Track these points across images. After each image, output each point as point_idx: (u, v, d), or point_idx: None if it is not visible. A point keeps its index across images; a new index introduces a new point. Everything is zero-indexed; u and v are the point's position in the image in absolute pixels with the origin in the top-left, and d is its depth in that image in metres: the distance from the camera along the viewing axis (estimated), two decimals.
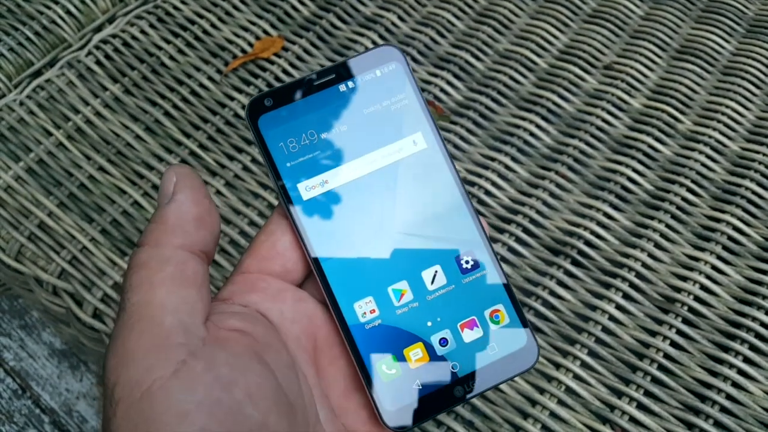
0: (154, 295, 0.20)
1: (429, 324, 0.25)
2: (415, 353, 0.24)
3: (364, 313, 0.24)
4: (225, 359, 0.20)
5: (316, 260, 0.24)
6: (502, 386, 0.39)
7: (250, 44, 0.53)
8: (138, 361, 0.19)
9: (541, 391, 0.39)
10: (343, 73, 0.26)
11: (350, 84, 0.26)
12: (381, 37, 0.54)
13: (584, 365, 0.40)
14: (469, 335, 0.25)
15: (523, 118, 0.50)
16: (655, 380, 0.39)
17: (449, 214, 0.25)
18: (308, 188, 0.25)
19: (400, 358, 0.24)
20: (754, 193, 0.47)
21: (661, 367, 0.40)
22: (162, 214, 0.22)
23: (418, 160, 0.25)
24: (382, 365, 0.24)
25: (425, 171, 0.25)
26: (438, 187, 0.25)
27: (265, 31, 0.54)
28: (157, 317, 0.20)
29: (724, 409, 0.38)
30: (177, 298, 0.20)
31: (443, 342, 0.25)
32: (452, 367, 0.24)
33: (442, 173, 0.25)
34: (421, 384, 0.24)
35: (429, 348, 0.24)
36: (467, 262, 0.25)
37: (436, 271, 0.25)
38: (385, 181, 0.25)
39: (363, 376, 0.24)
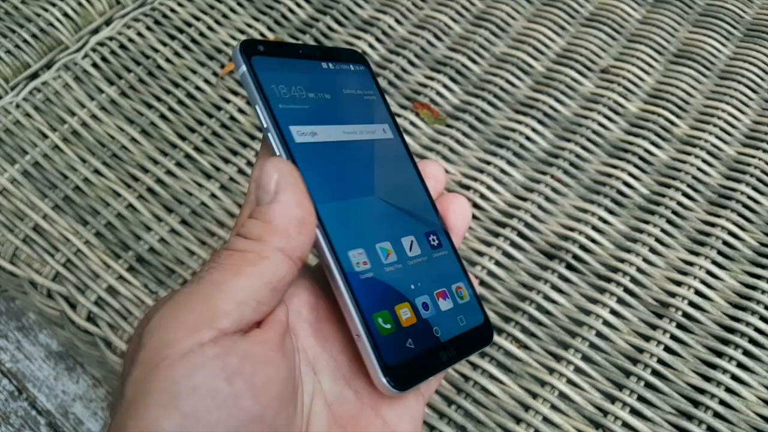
0: (233, 281, 0.20)
1: (412, 287, 0.25)
2: (405, 312, 0.24)
3: (358, 263, 0.24)
4: (243, 349, 0.20)
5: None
6: (495, 390, 0.39)
7: None
8: (170, 331, 0.19)
9: (534, 395, 0.39)
10: (324, 54, 0.27)
11: (330, 65, 0.27)
12: (378, 40, 0.54)
13: (578, 370, 0.40)
14: (443, 304, 0.26)
15: (519, 122, 0.50)
16: (649, 385, 0.39)
17: (413, 197, 0.27)
18: (300, 133, 0.24)
19: (393, 314, 0.24)
20: (749, 197, 0.47)
21: (655, 372, 0.40)
22: (266, 213, 0.22)
23: (389, 145, 0.27)
24: (379, 318, 0.23)
25: (395, 157, 0.27)
26: (403, 172, 0.27)
27: (262, 34, 0.54)
28: (220, 301, 0.20)
29: (717, 415, 0.38)
30: (252, 293, 0.21)
31: (425, 306, 0.25)
32: (435, 332, 0.25)
33: (406, 162, 0.28)
34: (413, 343, 0.24)
35: (415, 309, 0.25)
36: (433, 240, 0.27)
37: (411, 241, 0.26)
38: (366, 152, 0.26)
39: (363, 329, 0.23)
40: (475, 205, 0.46)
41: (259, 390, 0.20)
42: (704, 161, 0.48)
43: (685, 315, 0.42)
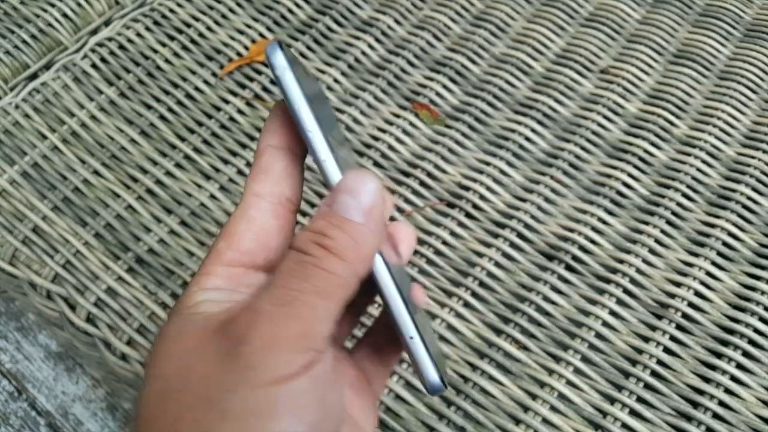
0: (325, 304, 0.21)
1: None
2: (422, 314, 0.25)
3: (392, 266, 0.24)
4: (334, 365, 0.22)
5: None
6: (494, 391, 0.39)
7: (246, 48, 0.53)
8: (282, 353, 0.20)
9: (534, 396, 0.39)
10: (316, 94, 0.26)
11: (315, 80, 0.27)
12: (377, 40, 0.54)
13: (577, 371, 0.40)
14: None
15: (519, 123, 0.50)
16: (648, 386, 0.39)
17: None
18: (332, 143, 0.23)
19: (423, 317, 0.24)
20: (749, 198, 0.47)
21: (654, 374, 0.40)
22: (361, 234, 0.21)
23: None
24: (419, 319, 0.24)
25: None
26: None
27: (260, 35, 0.54)
28: (317, 324, 0.20)
29: (716, 416, 0.38)
30: (336, 314, 0.21)
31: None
32: (426, 334, 0.25)
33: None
34: (429, 344, 0.24)
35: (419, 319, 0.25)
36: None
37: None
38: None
39: (413, 329, 0.23)
40: (474, 206, 0.46)
41: (345, 400, 0.22)
42: (704, 162, 0.48)
43: (685, 316, 0.42)
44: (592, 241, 0.45)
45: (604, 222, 0.46)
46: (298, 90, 0.22)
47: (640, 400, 0.39)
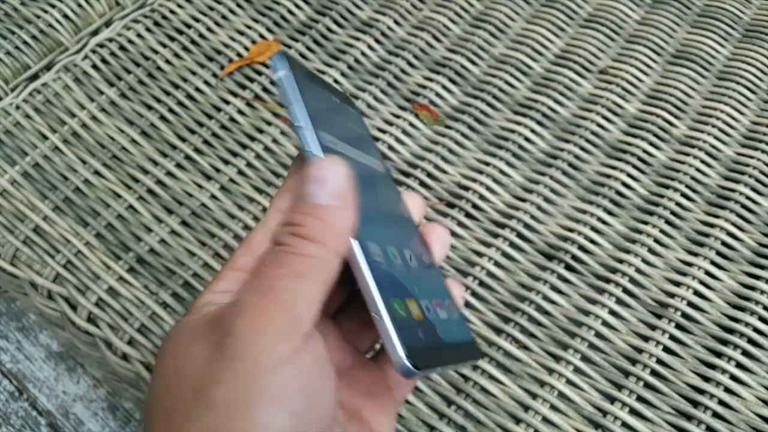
0: (306, 287, 0.21)
1: (416, 289, 0.26)
2: (414, 307, 0.25)
3: (377, 254, 0.24)
4: (322, 352, 0.22)
5: None
6: (495, 390, 0.39)
7: (246, 48, 0.54)
8: (267, 338, 0.20)
9: (534, 396, 0.39)
10: (330, 88, 0.29)
11: (337, 99, 0.29)
12: (377, 41, 0.54)
13: (577, 370, 0.40)
14: (440, 313, 0.26)
15: (518, 123, 0.50)
16: (648, 385, 0.39)
17: (406, 224, 0.28)
18: (325, 139, 0.25)
19: (405, 304, 0.24)
20: (748, 198, 0.47)
21: (654, 373, 0.40)
22: (331, 215, 0.22)
23: (383, 178, 0.29)
24: (394, 303, 0.24)
25: (387, 188, 0.29)
26: (397, 204, 0.29)
27: (261, 35, 0.54)
28: (299, 307, 0.21)
29: (716, 415, 0.38)
30: (319, 296, 0.22)
31: (427, 308, 0.25)
32: (438, 331, 0.25)
33: (397, 197, 0.29)
34: (423, 335, 0.24)
35: (420, 307, 0.25)
36: (426, 259, 0.28)
37: (411, 254, 0.27)
38: (371, 176, 0.28)
39: (385, 309, 0.23)
40: (474, 206, 0.46)
41: (337, 385, 0.22)
42: (703, 162, 0.49)
43: (684, 315, 0.42)
44: (592, 241, 0.45)
45: (604, 222, 0.46)
46: (296, 90, 0.25)
47: (640, 399, 0.39)
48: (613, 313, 0.42)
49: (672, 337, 0.41)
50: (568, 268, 0.44)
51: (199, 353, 0.21)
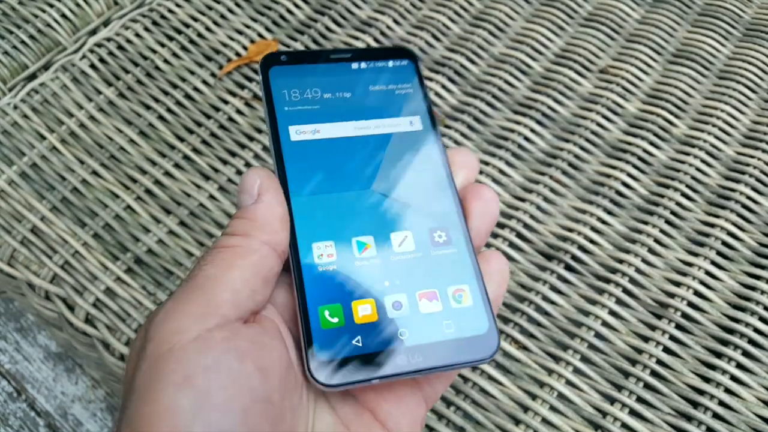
0: (227, 273, 0.22)
1: (386, 284, 0.24)
2: (364, 308, 0.24)
3: (321, 255, 0.24)
4: (247, 335, 0.22)
5: (287, 197, 0.25)
6: (494, 391, 0.39)
7: (245, 47, 0.53)
8: (176, 321, 0.21)
9: (533, 396, 0.39)
10: (359, 55, 0.28)
11: (363, 65, 0.28)
12: (376, 40, 0.54)
13: (577, 371, 0.40)
14: (425, 306, 0.24)
15: (518, 122, 0.50)
16: (648, 386, 0.39)
17: (432, 190, 0.26)
18: (298, 132, 0.26)
19: (347, 309, 0.24)
20: (748, 198, 0.46)
21: (654, 373, 0.40)
22: (251, 211, 0.24)
23: (411, 137, 0.27)
24: (325, 310, 0.23)
25: (416, 148, 0.27)
26: (426, 165, 0.27)
27: (259, 35, 0.54)
28: (218, 291, 0.22)
29: (716, 416, 0.38)
30: (245, 283, 0.22)
31: (396, 305, 0.24)
32: (400, 334, 0.24)
33: (432, 154, 0.27)
34: (362, 342, 0.23)
35: (380, 307, 0.24)
36: (440, 236, 0.26)
37: (406, 236, 0.25)
38: (375, 146, 0.27)
39: (301, 318, 0.23)
40: None
41: (266, 373, 0.21)
42: (703, 161, 0.48)
43: (684, 316, 0.42)
44: (592, 241, 0.45)
45: (604, 222, 0.46)
46: (267, 90, 0.26)
47: (640, 400, 0.39)
48: (612, 313, 0.42)
49: (672, 338, 0.41)
50: (568, 268, 0.44)
51: (135, 345, 0.22)
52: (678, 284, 0.43)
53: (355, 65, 0.28)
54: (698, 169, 0.48)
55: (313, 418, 0.23)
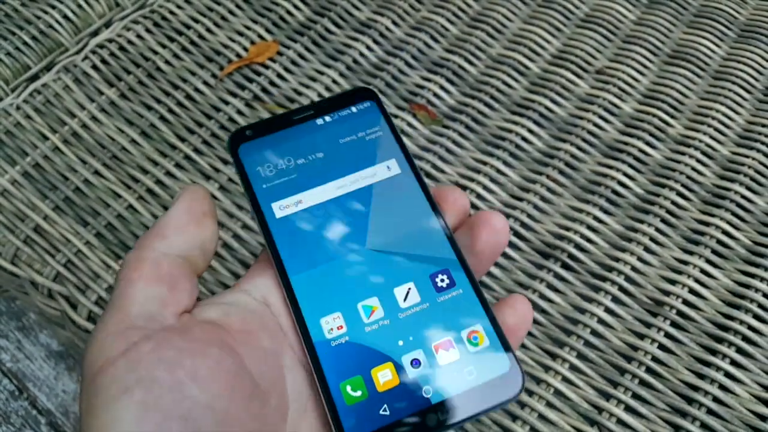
0: (129, 289, 0.23)
1: (400, 343, 0.24)
2: (384, 374, 0.23)
3: (331, 329, 0.24)
4: (176, 344, 0.21)
5: (284, 276, 0.24)
6: None
7: (245, 49, 0.54)
8: (99, 342, 0.21)
9: (530, 393, 0.39)
10: (320, 109, 0.28)
11: (327, 118, 0.28)
12: (375, 41, 0.55)
13: (573, 368, 0.40)
14: (444, 357, 0.23)
15: (515, 123, 0.51)
16: (644, 383, 0.40)
17: (423, 233, 0.26)
18: (282, 207, 0.26)
19: (368, 379, 0.23)
20: (743, 197, 0.47)
21: (650, 370, 0.40)
22: (155, 222, 0.25)
23: (392, 183, 0.27)
24: (347, 386, 0.23)
25: (399, 193, 0.26)
26: (412, 208, 0.26)
27: (260, 36, 0.55)
28: (126, 307, 0.22)
29: (711, 412, 0.39)
30: (148, 292, 0.23)
31: (415, 363, 0.23)
32: (425, 392, 0.23)
33: (415, 195, 0.26)
34: (389, 409, 0.22)
35: (399, 369, 0.23)
36: (442, 280, 0.25)
37: (409, 289, 0.25)
38: (359, 202, 0.26)
39: (324, 399, 0.22)
40: (472, 206, 0.47)
41: (204, 380, 0.21)
42: (698, 161, 0.49)
43: (680, 313, 0.42)
44: (588, 240, 0.45)
45: (600, 221, 0.46)
46: (240, 179, 0.26)
47: (636, 396, 0.39)
48: (609, 311, 0.42)
49: (667, 335, 0.41)
50: (565, 266, 0.44)
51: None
52: (673, 282, 0.43)
53: (320, 121, 0.27)
54: (694, 169, 0.48)
55: (297, 427, 0.23)
